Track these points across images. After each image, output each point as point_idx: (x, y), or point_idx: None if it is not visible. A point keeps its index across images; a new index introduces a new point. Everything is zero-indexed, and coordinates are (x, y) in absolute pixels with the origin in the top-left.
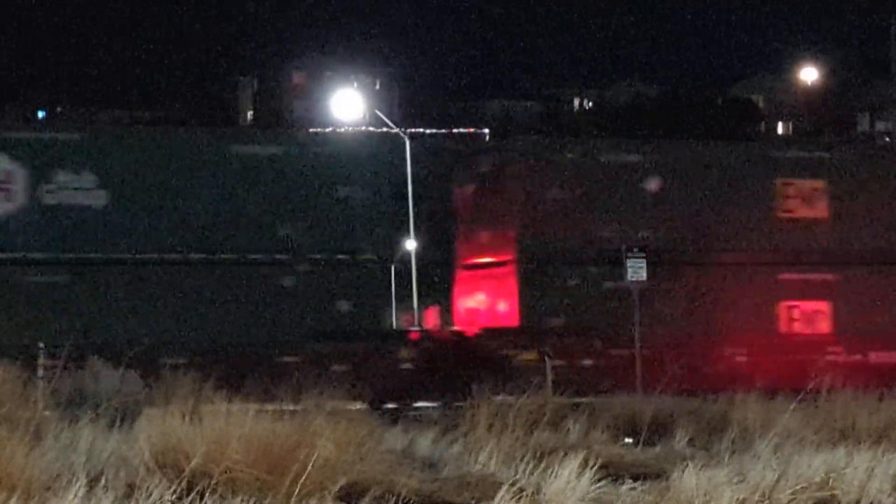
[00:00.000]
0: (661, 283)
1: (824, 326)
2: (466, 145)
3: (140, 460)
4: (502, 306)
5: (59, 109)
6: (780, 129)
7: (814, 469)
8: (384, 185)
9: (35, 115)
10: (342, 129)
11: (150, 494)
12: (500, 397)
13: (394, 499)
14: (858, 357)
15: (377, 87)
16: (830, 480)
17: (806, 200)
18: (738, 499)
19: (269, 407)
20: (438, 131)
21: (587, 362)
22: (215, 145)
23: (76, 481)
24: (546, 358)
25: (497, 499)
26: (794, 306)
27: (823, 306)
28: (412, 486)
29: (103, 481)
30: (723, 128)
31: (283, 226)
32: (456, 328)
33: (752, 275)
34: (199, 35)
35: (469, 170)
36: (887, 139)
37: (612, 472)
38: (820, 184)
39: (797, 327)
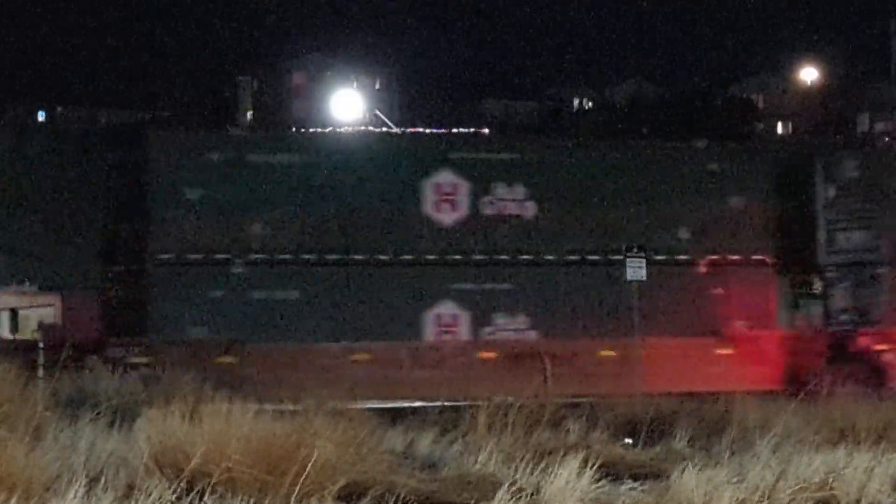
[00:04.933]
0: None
1: None
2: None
3: (140, 460)
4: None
5: (58, 109)
6: (779, 129)
7: (813, 469)
8: None
9: (35, 115)
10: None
11: (150, 494)
12: (499, 397)
13: (394, 499)
14: None
15: (377, 87)
16: (830, 480)
17: None
18: (737, 499)
19: (269, 407)
20: (438, 131)
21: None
22: None
23: (76, 481)
24: (546, 358)
25: (497, 499)
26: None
27: None
28: (412, 486)
29: (103, 481)
30: (722, 128)
31: None
32: None
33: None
34: (199, 35)
35: None
36: (887, 139)
37: (612, 472)
38: None
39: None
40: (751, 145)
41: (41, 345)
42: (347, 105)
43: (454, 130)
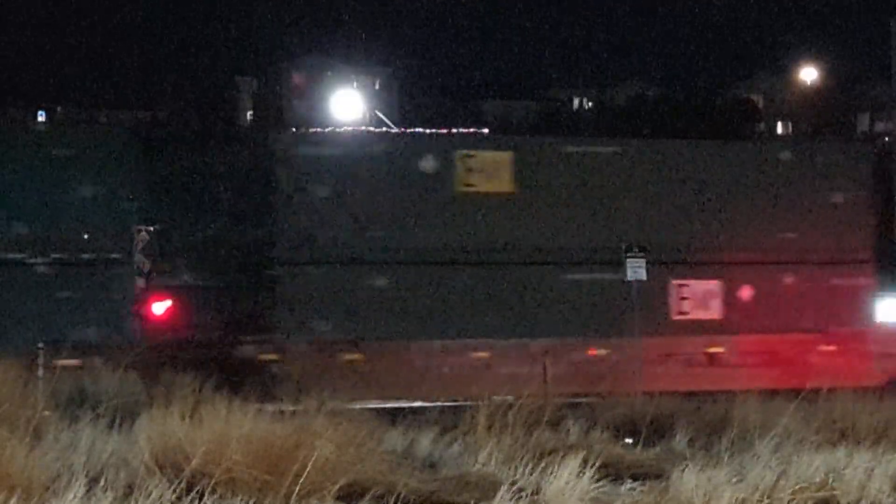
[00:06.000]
0: None
1: None
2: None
3: (140, 460)
4: None
5: (59, 109)
6: (779, 129)
7: (814, 469)
8: None
9: (35, 115)
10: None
11: (150, 494)
12: (499, 397)
13: (394, 499)
14: None
15: (377, 87)
16: (830, 480)
17: None
18: (738, 499)
19: (269, 407)
20: (438, 131)
21: None
22: None
23: (76, 481)
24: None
25: (497, 499)
26: None
27: None
28: (412, 486)
29: (103, 481)
30: (723, 128)
31: None
32: None
33: None
34: (199, 35)
35: None
36: (887, 139)
37: (612, 472)
38: None
39: None
40: (107, 126)
41: (41, 345)
42: (347, 105)
43: (454, 130)
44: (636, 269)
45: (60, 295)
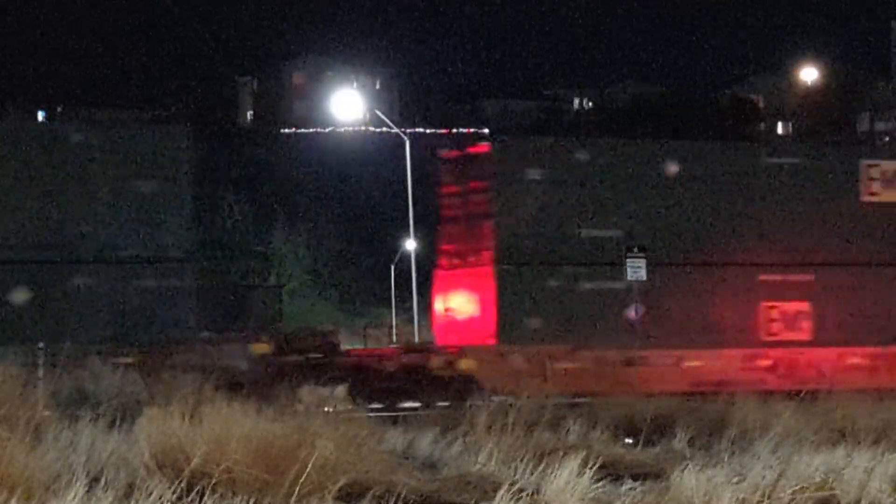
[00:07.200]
0: None
1: None
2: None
3: (140, 460)
4: None
5: (59, 109)
6: (780, 129)
7: (813, 469)
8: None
9: (35, 114)
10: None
11: (150, 494)
12: (499, 397)
13: (394, 499)
14: None
15: (377, 87)
16: (830, 480)
17: None
18: (738, 499)
19: (269, 407)
20: (438, 131)
21: None
22: None
23: (76, 481)
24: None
25: (497, 499)
26: None
27: None
28: (412, 485)
29: (103, 481)
30: (722, 128)
31: None
32: None
33: None
34: (199, 35)
35: None
36: (887, 139)
37: (612, 472)
38: None
39: None
40: None
41: (41, 345)
42: (347, 105)
43: (454, 130)
44: (636, 270)
45: None
